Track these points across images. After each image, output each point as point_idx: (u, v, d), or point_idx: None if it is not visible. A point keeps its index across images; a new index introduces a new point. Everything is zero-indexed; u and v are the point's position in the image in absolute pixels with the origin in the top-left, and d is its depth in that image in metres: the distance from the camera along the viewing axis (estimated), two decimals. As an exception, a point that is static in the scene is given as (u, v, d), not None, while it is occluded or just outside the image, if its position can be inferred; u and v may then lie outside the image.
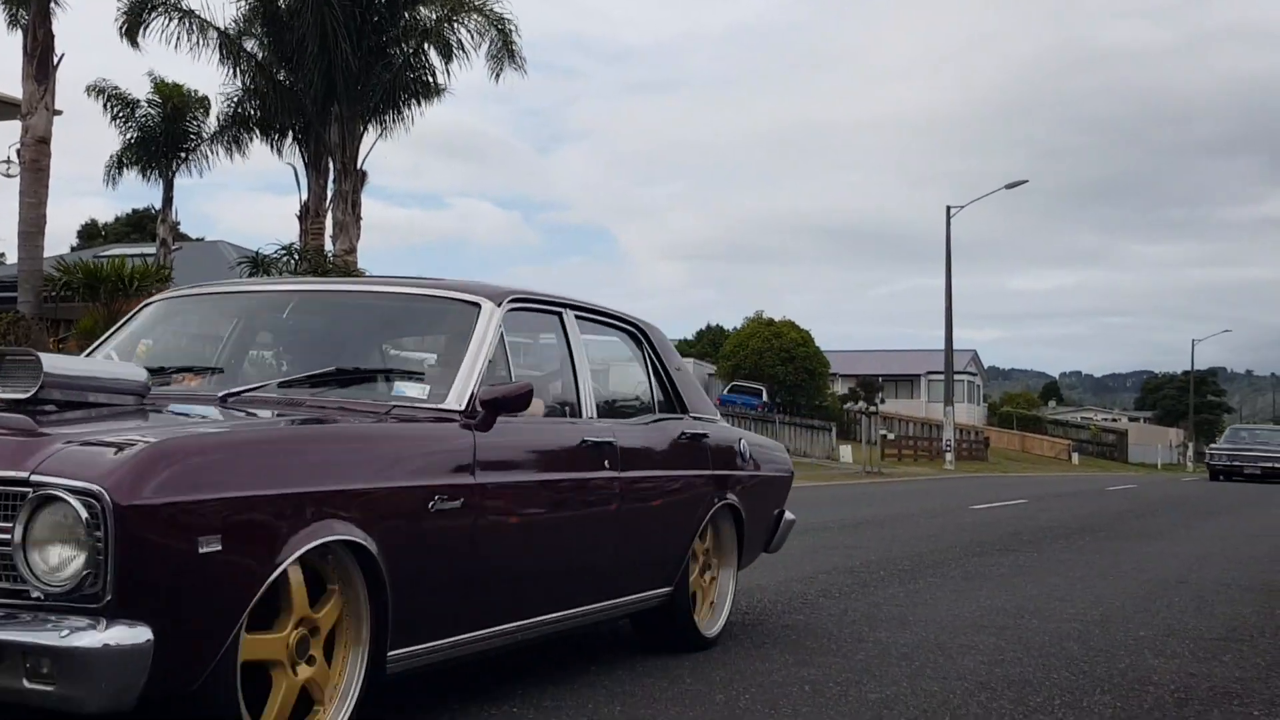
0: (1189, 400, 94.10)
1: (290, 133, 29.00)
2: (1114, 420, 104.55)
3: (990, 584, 9.82)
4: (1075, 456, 69.95)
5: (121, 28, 28.62)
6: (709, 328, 73.63)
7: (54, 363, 4.11)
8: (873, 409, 48.29)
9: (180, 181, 37.25)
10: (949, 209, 47.31)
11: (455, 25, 27.67)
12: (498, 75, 27.62)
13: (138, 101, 32.59)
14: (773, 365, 54.08)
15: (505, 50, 27.50)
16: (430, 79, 28.70)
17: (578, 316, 5.90)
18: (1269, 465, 37.62)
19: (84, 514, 3.31)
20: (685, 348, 70.15)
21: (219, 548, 3.52)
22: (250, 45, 28.92)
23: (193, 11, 28.02)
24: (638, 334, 6.62)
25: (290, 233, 28.58)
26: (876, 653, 6.65)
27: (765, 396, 52.18)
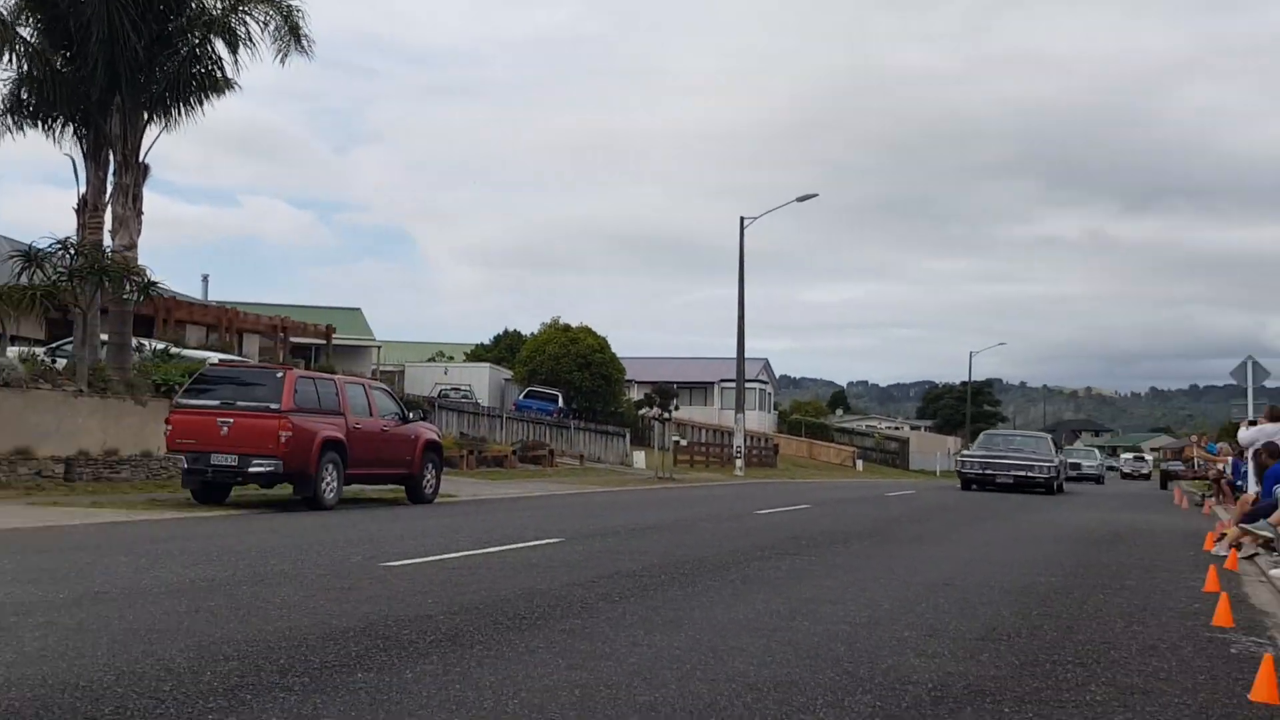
0: (966, 410, 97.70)
1: (69, 122, 27.83)
2: (897, 429, 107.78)
3: (767, 587, 10.00)
4: (859, 463, 71.87)
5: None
6: (506, 333, 73.24)
7: None
8: (666, 416, 48.77)
9: (-51, 170, 35.29)
10: (742, 220, 48.19)
11: (242, 14, 26.97)
12: (283, 58, 27.02)
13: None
14: (570, 371, 54.25)
15: (291, 35, 26.92)
16: (219, 72, 27.88)
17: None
18: (1022, 474, 34.33)
19: None
20: (482, 353, 69.75)
21: None
22: (26, 31, 27.65)
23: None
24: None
25: (69, 226, 27.29)
26: (650, 655, 6.71)
27: (561, 402, 52.28)
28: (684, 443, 52.84)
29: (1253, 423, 21.89)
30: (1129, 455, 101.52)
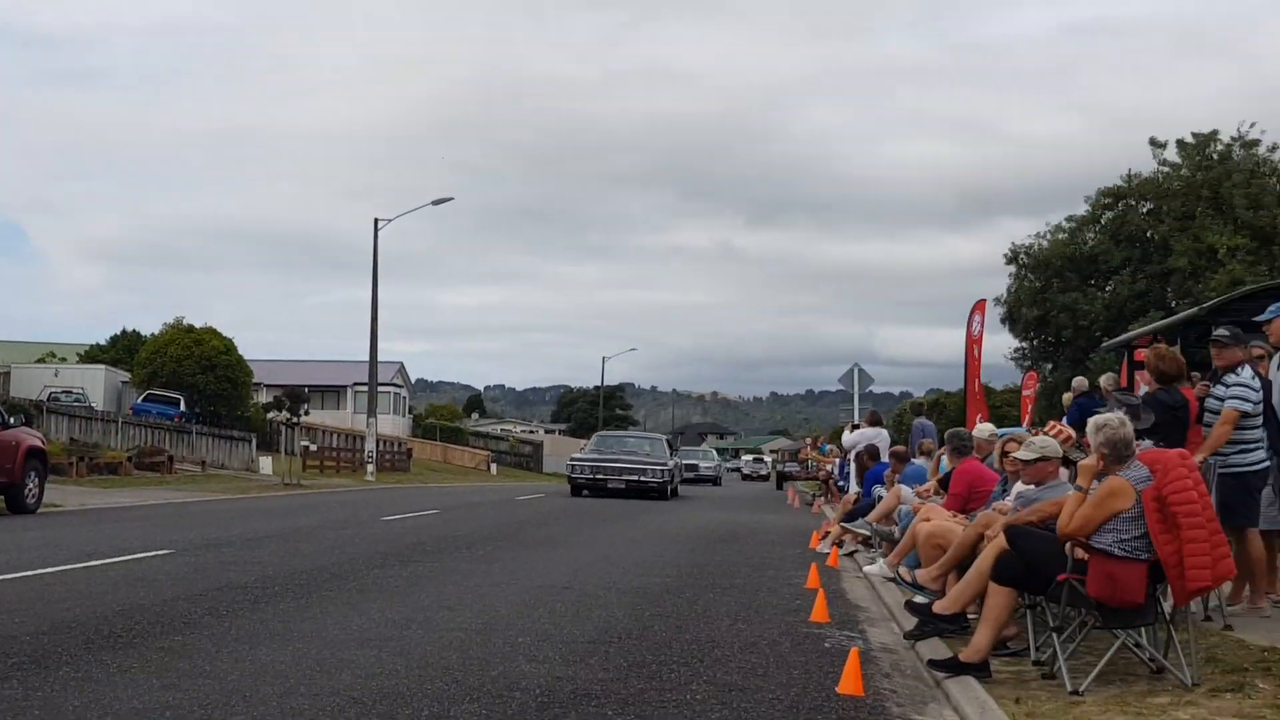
0: (599, 413, 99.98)
1: None
2: (532, 432, 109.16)
3: (384, 596, 9.86)
4: (494, 467, 72.18)
5: None
6: (125, 333, 69.42)
7: None
8: (295, 420, 47.47)
9: None
10: (376, 221, 47.53)
11: None
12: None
13: None
14: (193, 374, 51.91)
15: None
16: None
17: None
18: (635, 479, 31.99)
19: None
20: (98, 354, 65.92)
21: None
22: None
23: None
24: None
25: None
26: (252, 671, 6.46)
27: (183, 406, 50.04)
28: (314, 448, 51.59)
29: (855, 426, 23.32)
30: (749, 457, 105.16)
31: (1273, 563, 9.60)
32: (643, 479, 32.26)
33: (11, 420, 20.37)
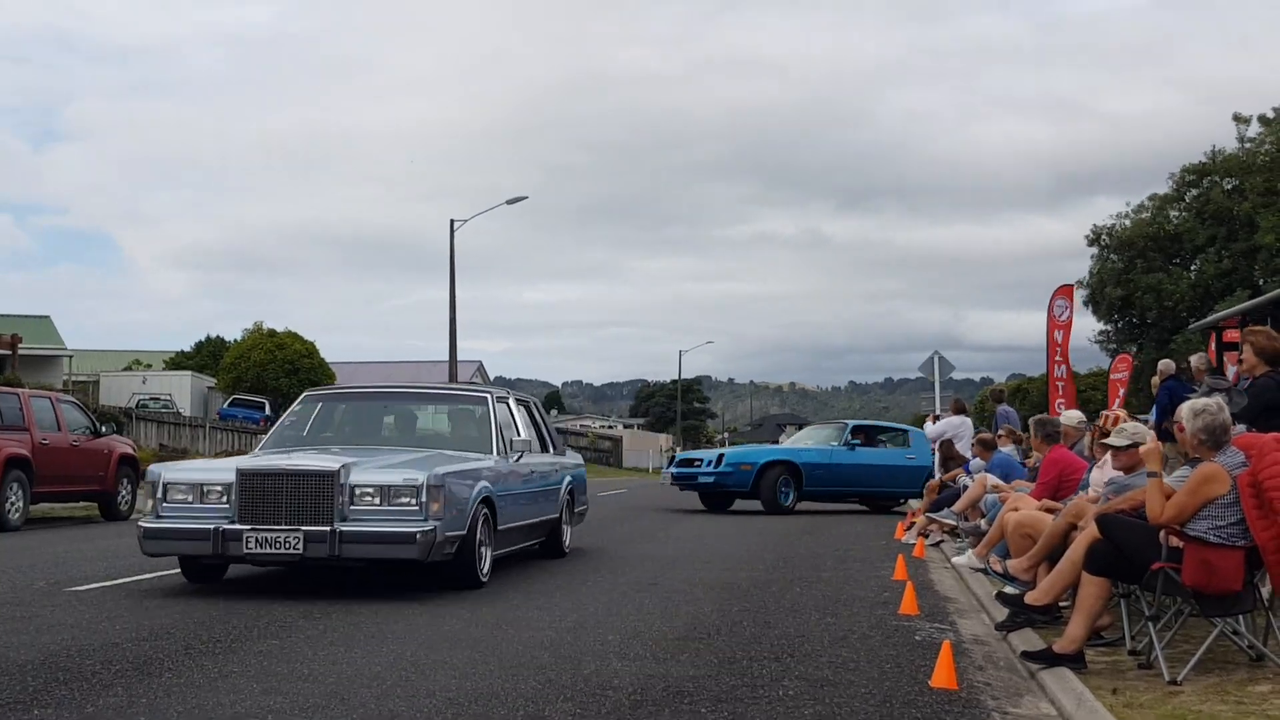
0: (677, 407, 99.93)
1: None
2: (610, 428, 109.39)
3: (474, 596, 9.93)
4: (575, 463, 72.59)
5: None
6: (209, 339, 70.66)
7: None
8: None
9: None
10: (452, 222, 47.86)
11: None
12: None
13: None
14: (276, 378, 52.71)
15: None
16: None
17: None
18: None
19: None
20: (183, 360, 67.12)
21: None
22: None
23: None
24: None
25: None
26: (349, 674, 6.56)
27: (269, 410, 50.79)
28: (397, 448, 52.10)
29: (937, 417, 23.12)
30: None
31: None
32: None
33: (103, 430, 20.80)
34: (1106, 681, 6.66)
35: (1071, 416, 12.20)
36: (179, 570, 10.51)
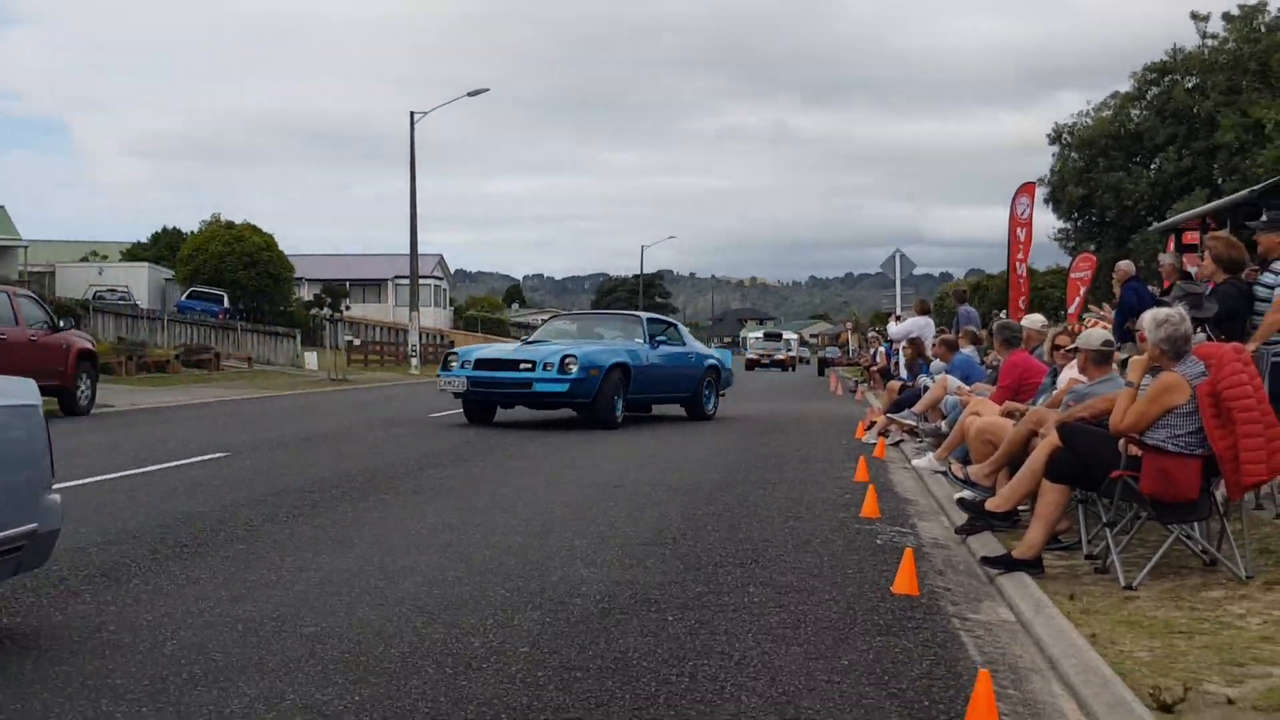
0: (639, 303, 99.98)
1: None
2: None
3: (440, 498, 9.99)
4: (536, 357, 72.60)
5: None
6: (166, 231, 69.68)
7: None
8: (337, 316, 47.76)
9: None
10: (412, 115, 47.24)
11: None
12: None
13: None
14: (235, 270, 52.20)
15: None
16: None
17: None
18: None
19: None
20: (140, 252, 66.33)
21: None
22: None
23: None
24: None
25: None
26: (317, 581, 6.59)
27: (227, 303, 50.44)
28: (358, 342, 51.99)
29: (899, 318, 23.24)
30: (757, 334, 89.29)
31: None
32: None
33: (61, 324, 20.62)
34: (1064, 587, 6.79)
35: (1034, 320, 12.29)
36: (142, 470, 10.52)
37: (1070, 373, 9.22)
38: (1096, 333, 8.68)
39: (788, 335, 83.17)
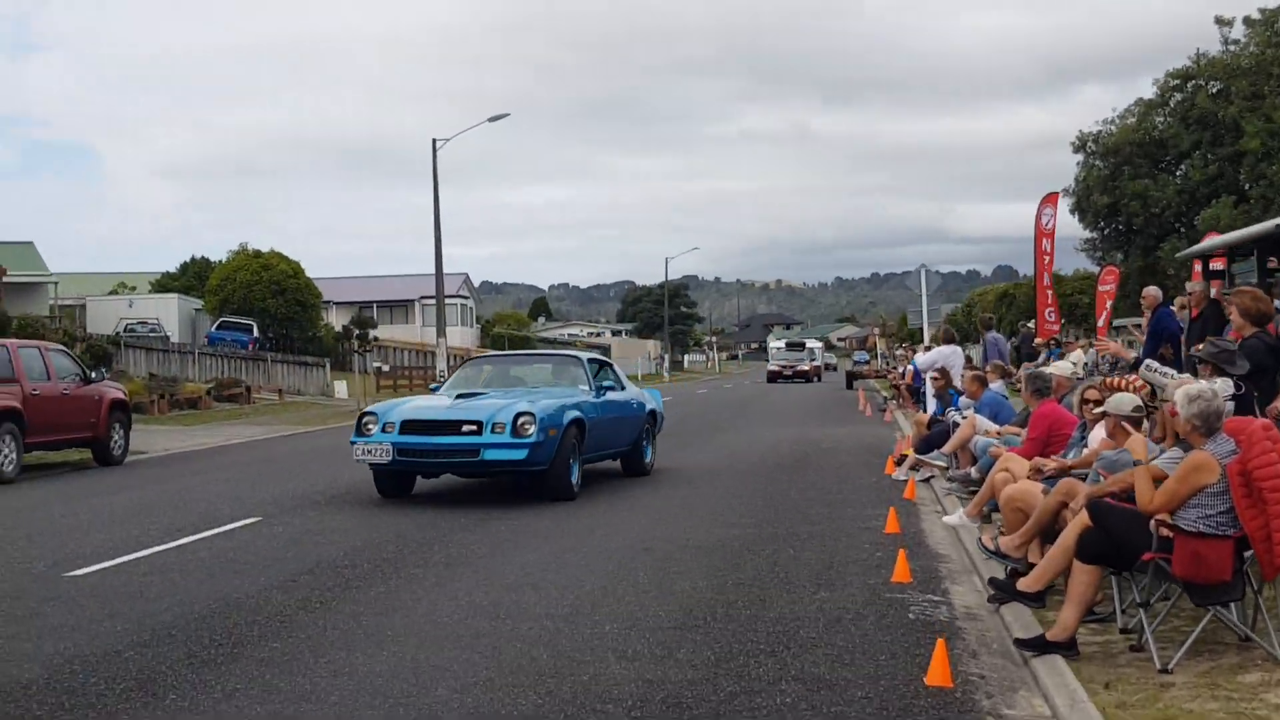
0: (664, 313, 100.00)
1: None
2: (599, 334, 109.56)
3: (470, 570, 10.01)
4: (564, 374, 72.64)
5: None
6: (194, 260, 70.15)
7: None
8: (367, 349, 47.88)
9: None
10: (435, 142, 47.29)
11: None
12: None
13: None
14: (263, 299, 52.51)
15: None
16: None
17: None
18: None
19: None
20: (169, 282, 66.79)
21: None
22: None
23: None
24: None
25: None
26: (351, 688, 6.62)
27: (256, 332, 50.70)
28: (386, 368, 52.18)
29: (929, 347, 23.17)
30: (779, 343, 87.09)
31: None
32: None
33: (93, 376, 20.80)
34: (1099, 671, 6.76)
35: (1062, 368, 12.25)
36: (175, 543, 10.59)
37: (1100, 433, 9.18)
38: (1126, 397, 8.63)
39: (811, 344, 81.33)
